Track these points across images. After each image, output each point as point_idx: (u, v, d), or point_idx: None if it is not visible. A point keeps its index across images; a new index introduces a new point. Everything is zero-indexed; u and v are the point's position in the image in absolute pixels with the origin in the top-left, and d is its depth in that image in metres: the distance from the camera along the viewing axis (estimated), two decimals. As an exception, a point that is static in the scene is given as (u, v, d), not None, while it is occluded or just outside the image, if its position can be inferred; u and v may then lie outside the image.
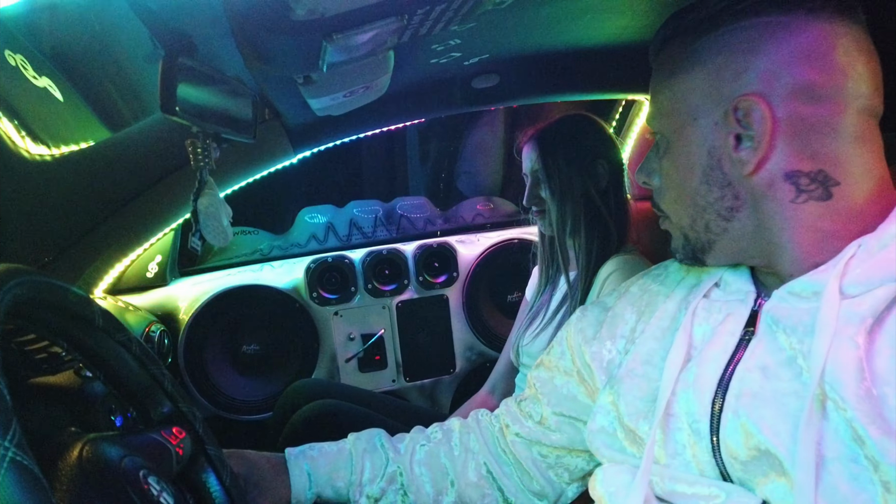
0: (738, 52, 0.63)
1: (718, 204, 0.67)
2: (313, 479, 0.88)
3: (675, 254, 0.75)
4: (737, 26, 0.63)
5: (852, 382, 0.53)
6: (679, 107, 0.67)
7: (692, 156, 0.67)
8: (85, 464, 0.50)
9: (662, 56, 0.70)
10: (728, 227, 0.67)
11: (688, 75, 0.66)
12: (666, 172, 0.71)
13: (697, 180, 0.67)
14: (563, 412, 0.86)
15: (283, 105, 1.35)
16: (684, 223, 0.71)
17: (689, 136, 0.67)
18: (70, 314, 0.60)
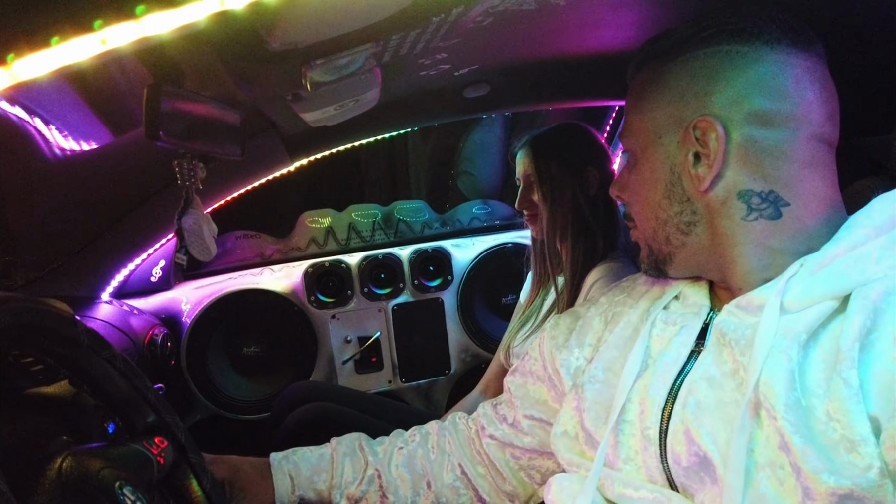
0: (701, 76, 0.68)
1: (678, 218, 0.72)
2: (296, 482, 0.92)
3: (642, 264, 0.80)
4: (700, 53, 0.68)
5: (783, 393, 0.56)
6: (646, 126, 0.73)
7: (656, 171, 0.72)
8: (64, 476, 0.54)
9: (636, 79, 0.76)
10: (686, 240, 0.72)
11: (655, 97, 0.71)
12: (633, 186, 0.76)
13: (660, 194, 0.72)
14: (534, 416, 0.89)
15: (277, 116, 1.39)
16: (647, 234, 0.76)
17: (654, 154, 0.72)
18: (55, 335, 0.64)
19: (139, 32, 0.45)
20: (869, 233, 0.61)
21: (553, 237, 1.36)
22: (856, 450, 0.52)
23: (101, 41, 0.46)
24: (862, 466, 0.51)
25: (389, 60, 1.05)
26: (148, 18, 0.43)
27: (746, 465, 0.57)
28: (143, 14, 0.41)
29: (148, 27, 0.45)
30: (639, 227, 0.78)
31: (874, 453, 0.51)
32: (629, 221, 0.82)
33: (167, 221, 1.61)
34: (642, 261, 0.80)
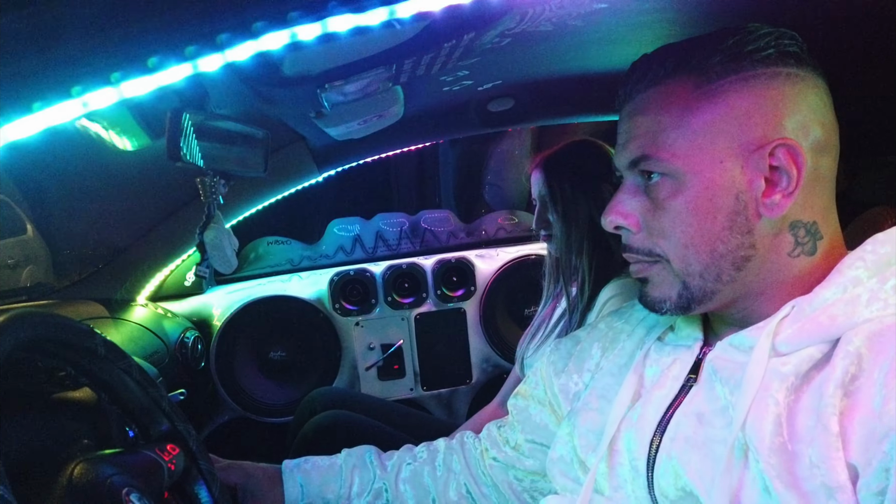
0: (768, 99, 0.63)
1: (736, 252, 0.65)
2: (305, 491, 0.95)
3: (662, 304, 0.69)
4: (761, 73, 0.63)
5: (768, 437, 0.56)
6: (699, 146, 0.64)
7: (717, 199, 0.64)
8: (74, 482, 0.58)
9: (660, 91, 0.66)
10: (736, 277, 0.65)
11: (707, 115, 0.64)
12: (676, 215, 0.66)
13: (720, 225, 0.64)
14: (535, 440, 0.90)
15: (304, 130, 1.43)
16: (692, 270, 0.66)
17: (715, 179, 0.64)
18: (75, 346, 0.68)
19: (155, 83, 0.49)
20: (860, 275, 0.60)
21: (569, 254, 1.37)
22: (833, 497, 0.52)
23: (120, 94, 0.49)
24: None
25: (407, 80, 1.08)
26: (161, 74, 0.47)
27: None
28: (154, 67, 0.45)
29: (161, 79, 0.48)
30: (676, 262, 0.67)
31: (851, 501, 0.51)
32: (641, 255, 0.70)
33: (199, 229, 1.67)
34: (663, 300, 0.69)
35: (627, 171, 0.70)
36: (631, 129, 0.68)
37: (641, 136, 0.67)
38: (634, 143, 0.67)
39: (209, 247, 0.93)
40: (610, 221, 0.71)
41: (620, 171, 0.72)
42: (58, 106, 0.52)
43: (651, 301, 0.70)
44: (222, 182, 0.96)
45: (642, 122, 0.67)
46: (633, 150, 0.67)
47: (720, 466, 0.59)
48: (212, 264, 0.95)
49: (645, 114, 0.67)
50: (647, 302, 0.71)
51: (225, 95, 1.06)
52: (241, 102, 1.11)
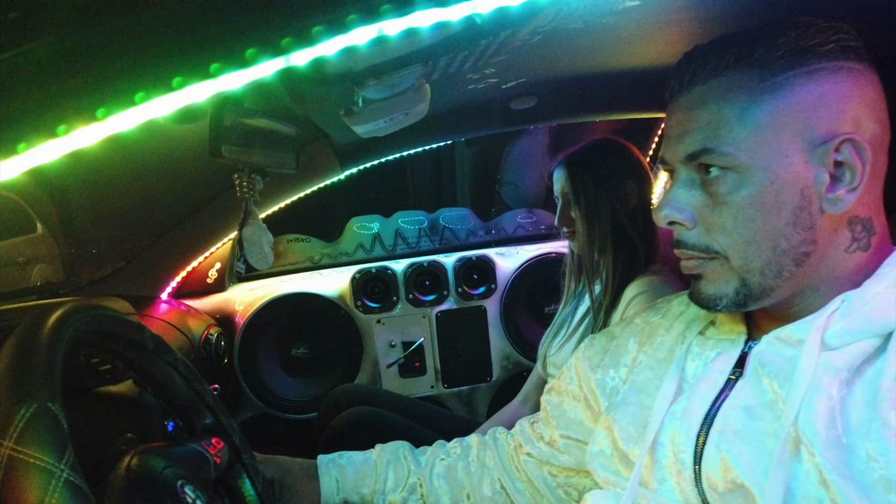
0: (832, 94, 0.62)
1: (798, 248, 0.64)
2: (341, 486, 0.96)
3: (718, 301, 0.68)
4: (825, 67, 0.62)
5: (822, 430, 0.57)
6: (765, 139, 0.63)
7: (782, 194, 0.63)
8: (132, 474, 0.59)
9: (721, 83, 0.65)
10: (796, 272, 0.64)
11: (772, 108, 0.63)
12: (739, 211, 0.64)
13: (784, 220, 0.63)
14: (570, 435, 0.91)
15: (330, 128, 1.44)
16: (752, 266, 0.65)
17: (780, 174, 0.63)
18: (125, 340, 0.69)
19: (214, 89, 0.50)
20: None
21: (592, 252, 1.37)
22: (894, 490, 0.52)
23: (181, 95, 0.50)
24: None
25: (438, 77, 1.08)
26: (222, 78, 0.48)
27: (785, 499, 0.57)
28: (217, 73, 0.46)
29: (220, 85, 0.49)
30: (736, 258, 0.65)
31: None
32: (696, 251, 0.68)
33: (222, 226, 1.68)
34: (719, 297, 0.67)
35: (683, 164, 0.68)
36: (688, 122, 0.66)
37: (701, 128, 0.65)
38: (693, 137, 0.66)
39: (247, 243, 0.94)
40: (664, 216, 0.69)
41: (670, 166, 0.70)
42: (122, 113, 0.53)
43: (706, 298, 0.69)
44: (258, 178, 0.96)
45: (702, 115, 0.65)
46: (693, 144, 0.66)
47: (771, 459, 0.59)
48: (249, 260, 0.96)
49: (704, 106, 0.65)
50: (700, 299, 0.69)
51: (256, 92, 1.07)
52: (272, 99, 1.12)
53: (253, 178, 0.95)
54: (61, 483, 0.42)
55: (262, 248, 0.96)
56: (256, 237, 0.95)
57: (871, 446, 0.54)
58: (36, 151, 0.55)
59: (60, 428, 0.45)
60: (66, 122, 0.53)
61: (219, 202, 1.57)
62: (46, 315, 0.54)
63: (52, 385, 0.47)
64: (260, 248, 0.96)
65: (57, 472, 0.43)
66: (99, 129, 0.58)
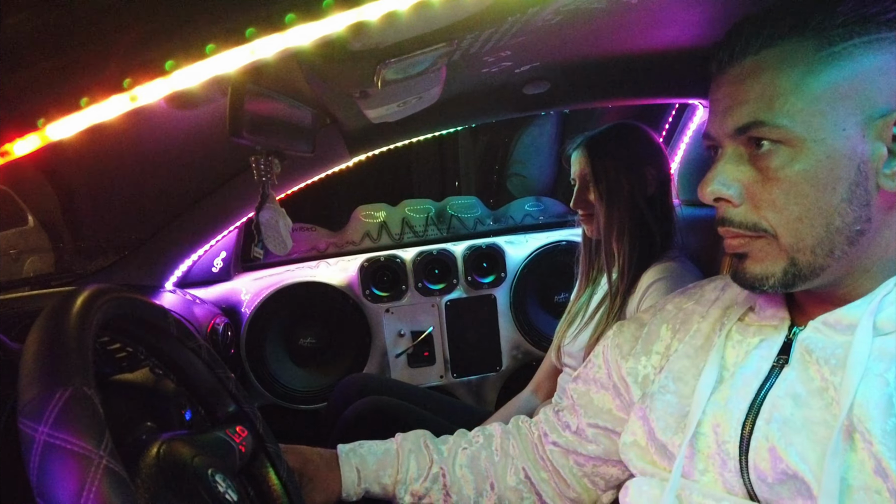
0: (891, 65, 0.60)
1: (853, 226, 0.61)
2: (362, 476, 0.94)
3: (765, 281, 0.65)
4: (886, 36, 0.60)
5: (880, 418, 0.55)
6: (821, 111, 0.60)
7: (838, 169, 0.60)
8: (162, 463, 0.57)
9: (775, 53, 0.62)
10: (849, 252, 0.62)
11: (830, 80, 0.60)
12: (791, 186, 0.62)
13: (839, 197, 0.61)
14: (598, 424, 0.89)
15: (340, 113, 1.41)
16: (804, 245, 0.62)
17: (836, 147, 0.60)
18: (149, 325, 0.67)
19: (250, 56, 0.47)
20: None
21: (610, 237, 1.35)
22: None
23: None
24: None
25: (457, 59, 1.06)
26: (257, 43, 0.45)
27: (840, 488, 0.55)
28: (252, 37, 0.43)
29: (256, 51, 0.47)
30: (787, 235, 0.63)
31: None
32: (745, 229, 0.65)
33: (229, 214, 1.65)
34: (766, 276, 0.65)
35: (731, 138, 0.65)
36: (738, 94, 0.64)
37: (753, 100, 0.62)
38: (744, 109, 0.63)
39: (264, 227, 0.91)
40: (710, 192, 0.66)
41: (716, 141, 0.68)
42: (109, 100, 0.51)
43: (751, 277, 0.66)
44: (275, 161, 0.94)
45: (754, 86, 0.62)
46: (743, 116, 0.63)
47: (824, 448, 0.57)
48: (267, 244, 0.93)
49: (757, 77, 0.62)
50: (744, 278, 0.66)
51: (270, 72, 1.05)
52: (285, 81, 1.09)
53: (271, 161, 0.92)
54: (101, 470, 0.40)
55: (280, 233, 0.94)
56: (274, 221, 0.92)
57: None
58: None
59: (97, 413, 0.43)
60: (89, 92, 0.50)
61: (226, 188, 1.54)
62: (73, 297, 0.51)
63: (85, 368, 0.45)
64: (278, 232, 0.93)
65: (96, 458, 0.41)
66: (121, 103, 0.55)
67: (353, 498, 0.94)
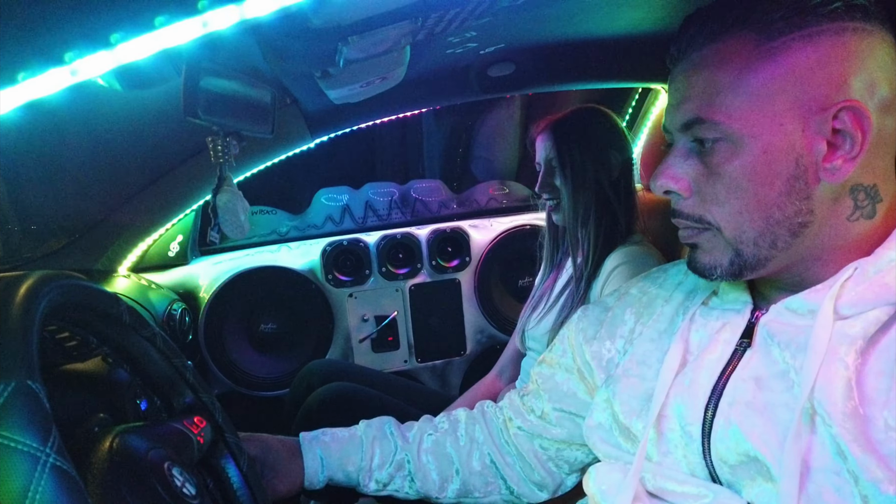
0: (833, 57, 0.59)
1: (793, 219, 0.62)
2: (325, 464, 0.92)
3: (713, 270, 0.67)
4: (826, 28, 0.59)
5: (839, 401, 0.55)
6: (758, 107, 0.61)
7: (775, 164, 0.61)
8: (115, 456, 0.54)
9: (717, 49, 0.62)
10: (793, 243, 0.63)
11: (768, 75, 0.60)
12: (731, 181, 0.63)
13: (778, 191, 0.61)
14: (563, 408, 0.89)
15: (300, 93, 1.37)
16: (745, 237, 0.64)
17: (774, 143, 0.61)
18: (99, 313, 0.64)
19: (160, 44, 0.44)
20: None
21: (575, 221, 1.36)
22: None
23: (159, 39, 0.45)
24: None
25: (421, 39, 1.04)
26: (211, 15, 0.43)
27: (801, 471, 0.56)
28: (204, 9, 0.40)
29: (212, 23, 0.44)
30: (729, 229, 0.65)
31: None
32: (691, 221, 0.67)
33: (186, 196, 1.60)
34: (714, 267, 0.67)
35: (680, 133, 0.67)
36: (684, 90, 0.65)
37: (696, 97, 0.63)
38: (688, 105, 0.64)
39: (221, 211, 0.88)
40: (660, 185, 0.68)
41: (671, 133, 0.69)
42: (47, 74, 0.47)
43: (701, 267, 0.68)
44: (234, 143, 0.90)
45: (697, 82, 0.63)
46: (687, 112, 0.64)
47: (785, 431, 0.58)
48: (223, 229, 0.90)
49: (699, 73, 0.63)
50: (696, 268, 0.69)
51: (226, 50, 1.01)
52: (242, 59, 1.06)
53: (228, 142, 0.89)
54: (48, 469, 0.38)
55: (238, 217, 0.91)
56: (232, 205, 0.89)
57: (889, 415, 0.53)
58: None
59: (42, 408, 0.41)
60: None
61: (183, 169, 1.49)
62: (16, 284, 0.48)
63: (30, 360, 0.42)
64: (235, 216, 0.90)
65: (42, 456, 0.38)
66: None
67: (316, 486, 0.93)
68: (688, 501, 0.65)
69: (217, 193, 0.87)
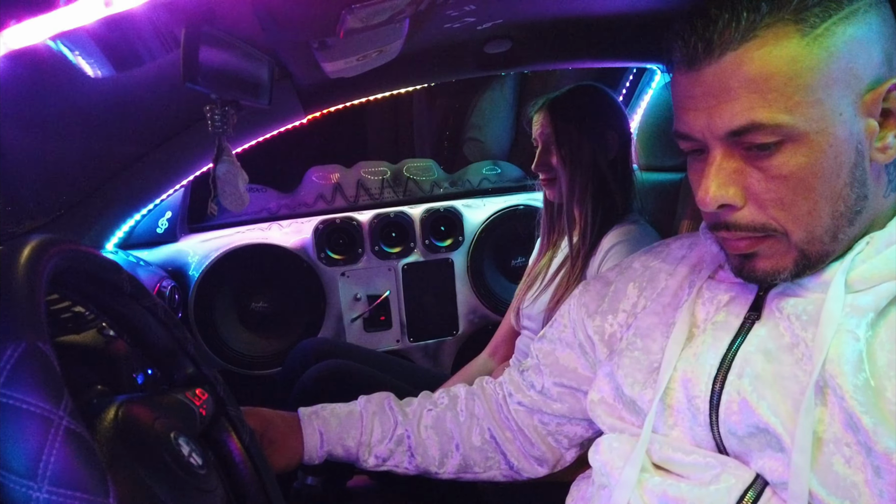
0: (871, 35, 0.58)
1: (853, 207, 0.60)
2: (325, 438, 0.92)
3: (776, 276, 0.63)
4: (857, 7, 0.57)
5: (851, 373, 0.55)
6: (819, 101, 0.57)
7: (840, 156, 0.58)
8: (121, 426, 0.53)
9: (760, 44, 0.57)
10: (849, 231, 0.61)
11: (819, 65, 0.57)
12: (798, 182, 0.59)
13: (843, 182, 0.59)
14: (563, 383, 0.89)
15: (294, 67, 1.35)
16: (815, 236, 0.60)
17: (837, 134, 0.58)
18: (100, 281, 0.62)
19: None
20: None
21: (571, 200, 1.35)
22: None
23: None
24: None
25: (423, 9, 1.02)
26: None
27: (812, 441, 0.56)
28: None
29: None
30: (799, 230, 0.60)
31: None
32: (753, 231, 0.62)
33: (177, 170, 1.57)
34: (777, 272, 0.62)
35: (721, 140, 0.60)
36: (724, 93, 0.58)
37: (744, 98, 0.57)
38: (735, 109, 0.58)
39: (220, 182, 0.86)
40: (713, 199, 0.61)
41: (701, 142, 0.62)
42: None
43: (762, 274, 0.63)
44: (232, 112, 0.88)
45: (742, 83, 0.57)
46: (737, 117, 0.58)
47: (794, 402, 0.58)
48: (222, 201, 0.88)
49: (744, 73, 0.57)
50: (755, 276, 0.64)
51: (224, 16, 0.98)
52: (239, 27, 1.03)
53: (227, 111, 0.87)
54: (62, 431, 0.37)
55: (238, 188, 0.89)
56: (232, 175, 0.87)
57: None
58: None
59: (54, 370, 0.39)
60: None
61: (174, 143, 1.45)
62: (20, 247, 0.47)
63: (39, 322, 0.41)
64: (235, 187, 0.88)
65: (55, 419, 0.37)
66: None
67: (316, 461, 0.92)
68: (696, 472, 0.65)
69: (217, 163, 0.85)
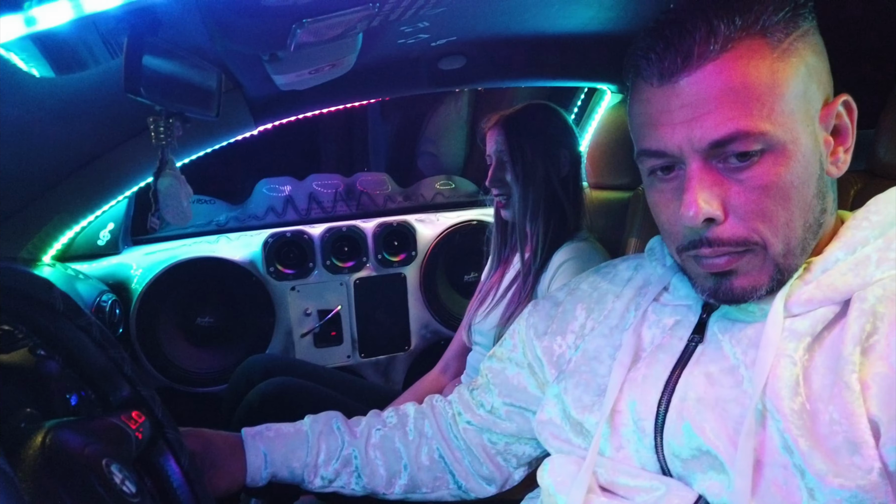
0: (822, 52, 0.62)
1: (818, 220, 0.62)
2: (269, 460, 0.89)
3: (753, 293, 0.61)
4: (810, 26, 0.60)
5: (788, 397, 0.57)
6: (794, 112, 0.58)
7: (810, 166, 0.59)
8: (48, 453, 0.50)
9: (737, 56, 0.57)
10: (811, 245, 0.62)
11: (791, 77, 0.58)
12: (778, 192, 0.58)
13: (811, 193, 0.60)
14: (513, 402, 0.89)
15: (245, 78, 1.33)
16: (790, 248, 0.60)
17: (807, 144, 0.59)
18: (30, 299, 0.59)
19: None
20: (868, 235, 0.61)
21: (524, 217, 1.36)
22: (858, 452, 0.52)
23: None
24: (865, 469, 0.52)
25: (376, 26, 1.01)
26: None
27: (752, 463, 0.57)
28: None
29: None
30: (777, 243, 0.60)
31: (875, 455, 0.52)
32: (737, 246, 0.60)
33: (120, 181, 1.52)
34: (754, 289, 0.61)
35: (700, 153, 0.59)
36: (703, 104, 0.57)
37: (727, 107, 0.57)
38: (718, 118, 0.57)
39: (163, 196, 0.83)
40: (701, 214, 0.58)
41: (676, 157, 0.61)
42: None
43: (740, 292, 0.62)
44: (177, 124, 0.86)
45: (723, 94, 0.57)
46: (720, 127, 0.57)
47: (735, 425, 0.59)
48: (164, 215, 0.85)
49: (725, 82, 0.57)
50: (731, 295, 0.62)
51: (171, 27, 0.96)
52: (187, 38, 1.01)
53: (171, 123, 0.84)
54: (-23, 466, 0.34)
55: (181, 203, 0.86)
56: (174, 190, 0.85)
57: (833, 410, 0.55)
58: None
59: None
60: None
61: (118, 152, 1.41)
62: (-63, 265, 0.44)
63: (-45, 348, 0.38)
64: (178, 201, 0.86)
65: (-30, 452, 0.34)
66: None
67: (259, 483, 0.89)
68: (640, 495, 0.65)
69: (158, 177, 0.82)
